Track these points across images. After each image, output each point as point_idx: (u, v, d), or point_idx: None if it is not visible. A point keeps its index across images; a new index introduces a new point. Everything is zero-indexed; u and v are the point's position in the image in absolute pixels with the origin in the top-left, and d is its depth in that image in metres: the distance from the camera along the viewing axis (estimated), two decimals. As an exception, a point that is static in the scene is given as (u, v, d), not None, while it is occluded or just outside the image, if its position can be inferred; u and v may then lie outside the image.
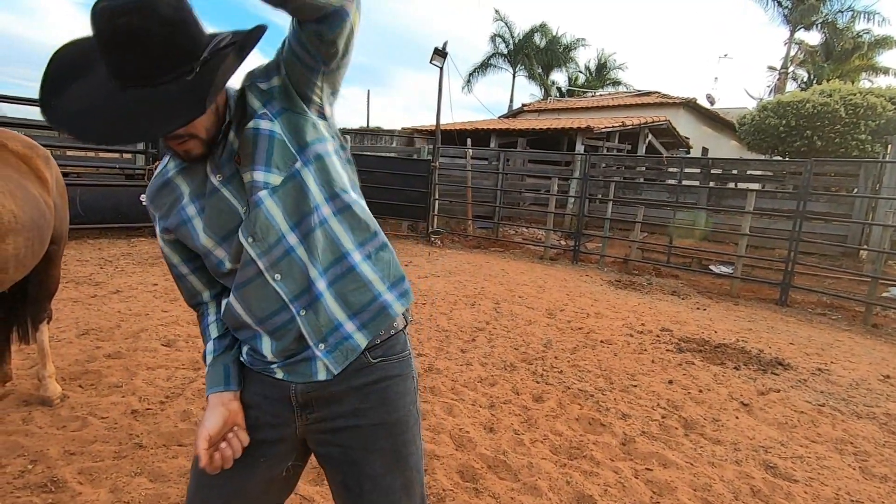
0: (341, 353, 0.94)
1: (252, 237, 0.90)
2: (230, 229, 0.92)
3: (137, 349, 3.21)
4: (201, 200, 0.93)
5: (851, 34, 19.02)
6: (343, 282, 0.95)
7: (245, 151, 0.89)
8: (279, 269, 0.92)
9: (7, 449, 2.07)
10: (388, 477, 0.96)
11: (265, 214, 0.90)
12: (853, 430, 2.93)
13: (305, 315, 0.93)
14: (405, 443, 0.99)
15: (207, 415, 0.94)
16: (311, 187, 0.92)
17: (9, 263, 1.69)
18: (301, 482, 2.02)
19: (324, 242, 0.93)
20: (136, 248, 6.55)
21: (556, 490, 2.13)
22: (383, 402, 0.98)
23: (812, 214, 7.37)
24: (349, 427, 0.97)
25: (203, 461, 0.90)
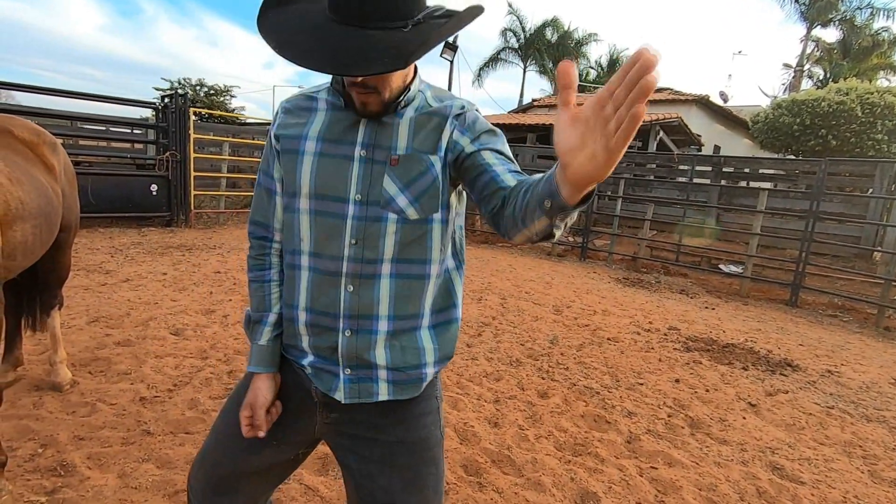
0: (357, 390, 0.95)
1: (356, 241, 0.90)
2: (332, 195, 0.91)
3: (146, 337, 3.24)
4: (327, 147, 0.91)
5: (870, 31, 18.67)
6: (402, 337, 0.94)
7: (407, 169, 0.89)
8: (356, 283, 0.91)
9: (18, 432, 2.10)
10: (404, 493, 0.95)
11: (381, 234, 0.89)
12: (862, 434, 2.89)
13: (349, 337, 0.93)
14: (425, 462, 0.97)
15: (262, 387, 0.98)
16: (435, 243, 0.93)
17: (16, 250, 1.70)
18: (306, 472, 2.04)
19: (410, 293, 0.93)
20: (147, 238, 6.61)
21: (559, 486, 2.12)
22: (402, 420, 0.97)
23: (825, 215, 7.27)
24: (368, 439, 0.97)
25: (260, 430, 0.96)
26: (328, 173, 0.90)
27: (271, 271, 1.02)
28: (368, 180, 0.89)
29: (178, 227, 7.58)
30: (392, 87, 0.86)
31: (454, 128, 0.91)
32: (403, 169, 0.88)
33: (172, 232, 7.23)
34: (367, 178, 0.89)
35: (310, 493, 1.94)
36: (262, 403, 0.97)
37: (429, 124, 0.91)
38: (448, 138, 0.91)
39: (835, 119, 10.48)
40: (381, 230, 0.89)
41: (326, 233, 0.91)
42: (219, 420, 1.08)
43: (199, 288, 4.50)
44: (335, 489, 1.97)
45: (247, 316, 1.05)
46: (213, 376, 2.80)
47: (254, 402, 0.97)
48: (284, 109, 0.97)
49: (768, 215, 7.63)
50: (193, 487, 1.06)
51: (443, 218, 0.93)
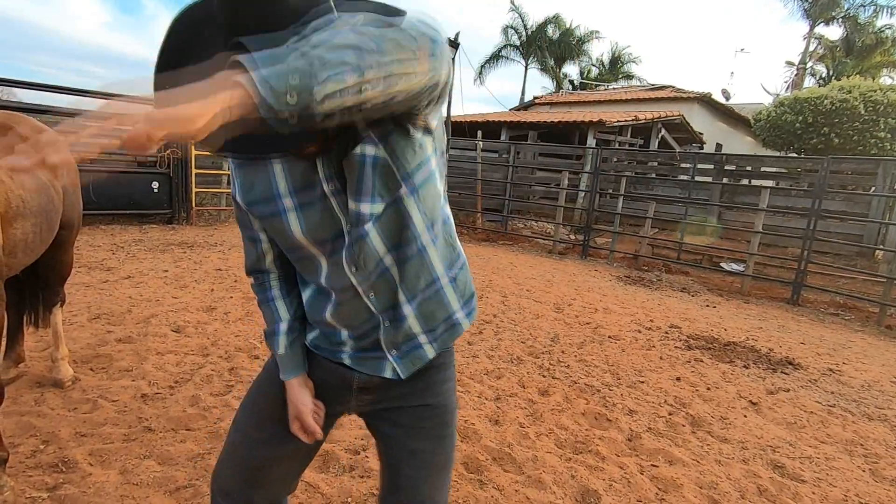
0: (411, 361, 1.00)
1: (355, 266, 0.90)
2: (331, 236, 0.89)
3: (148, 334, 3.24)
4: (302, 198, 0.87)
5: (873, 29, 18.59)
6: (427, 303, 0.97)
7: (351, 178, 0.84)
8: (375, 288, 0.93)
9: (20, 429, 2.11)
10: (429, 454, 1.03)
11: (369, 245, 0.89)
12: (864, 432, 2.89)
13: (388, 326, 0.96)
14: (445, 424, 1.05)
15: (298, 395, 1.01)
16: (415, 215, 0.90)
17: (17, 248, 1.71)
18: (307, 469, 2.04)
19: (419, 268, 0.94)
20: (148, 235, 6.62)
21: (560, 484, 2.12)
22: (428, 386, 1.03)
23: (827, 213, 7.25)
24: (397, 408, 1.04)
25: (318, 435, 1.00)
26: (316, 220, 0.88)
27: (272, 291, 1.05)
28: (345, 207, 0.86)
29: (180, 224, 7.59)
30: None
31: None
32: (350, 179, 0.84)
33: (174, 229, 7.24)
34: (343, 205, 0.86)
35: (311, 489, 1.94)
36: (306, 412, 1.01)
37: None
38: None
39: (837, 117, 10.45)
40: (366, 244, 0.88)
41: (333, 267, 0.92)
42: (244, 417, 1.09)
43: (201, 285, 4.50)
44: (335, 486, 1.97)
45: (264, 333, 1.08)
46: (215, 373, 2.80)
47: (298, 413, 1.01)
48: (238, 168, 0.91)
49: (770, 213, 7.62)
50: (222, 488, 1.07)
51: (411, 188, 0.86)
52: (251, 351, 3.15)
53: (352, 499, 1.91)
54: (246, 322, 3.67)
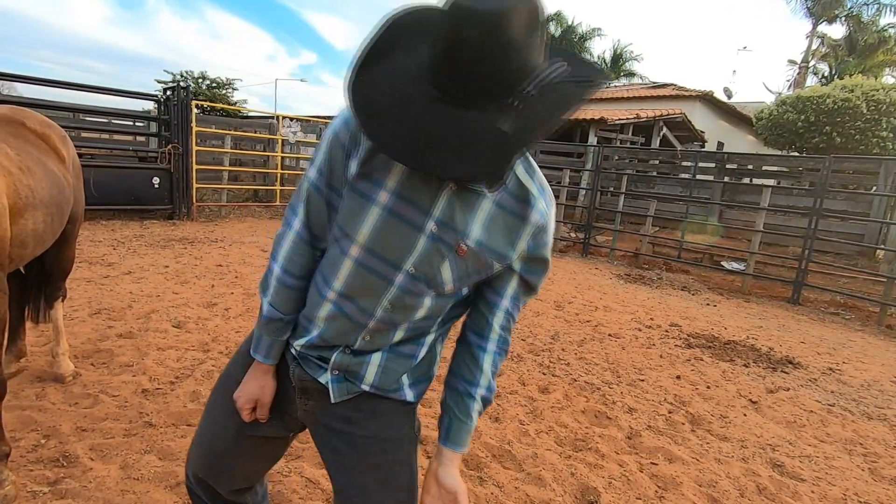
0: (346, 389, 0.95)
1: (392, 307, 0.87)
2: (387, 258, 0.84)
3: (148, 330, 3.24)
4: (399, 206, 0.81)
5: (876, 28, 18.52)
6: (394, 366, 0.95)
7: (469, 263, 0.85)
8: (374, 335, 0.91)
9: (21, 423, 2.11)
10: (379, 492, 0.95)
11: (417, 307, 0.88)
12: (863, 432, 2.89)
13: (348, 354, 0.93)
14: (398, 461, 0.97)
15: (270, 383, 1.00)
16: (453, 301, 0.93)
17: (28, 239, 1.71)
18: (306, 465, 2.05)
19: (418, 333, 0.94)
20: (149, 230, 6.61)
21: (560, 481, 2.13)
22: (374, 415, 0.96)
23: (829, 212, 7.24)
24: (343, 432, 0.96)
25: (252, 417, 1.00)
26: (391, 235, 0.82)
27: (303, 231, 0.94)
28: (428, 257, 0.82)
29: (180, 220, 7.59)
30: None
31: (528, 240, 0.86)
32: (467, 262, 0.83)
33: (174, 225, 7.24)
34: (428, 255, 0.82)
35: (311, 485, 1.94)
36: (267, 402, 0.99)
37: (507, 222, 0.83)
38: (518, 247, 0.86)
39: (839, 116, 10.42)
40: (417, 303, 0.87)
41: (366, 287, 0.86)
42: (212, 399, 1.09)
43: (201, 281, 4.50)
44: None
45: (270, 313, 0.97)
46: (215, 369, 2.81)
47: (262, 398, 0.99)
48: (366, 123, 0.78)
49: (771, 212, 7.61)
50: (190, 469, 1.09)
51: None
52: (252, 347, 3.16)
53: (352, 495, 1.91)
54: (246, 318, 3.67)
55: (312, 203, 0.90)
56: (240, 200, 9.46)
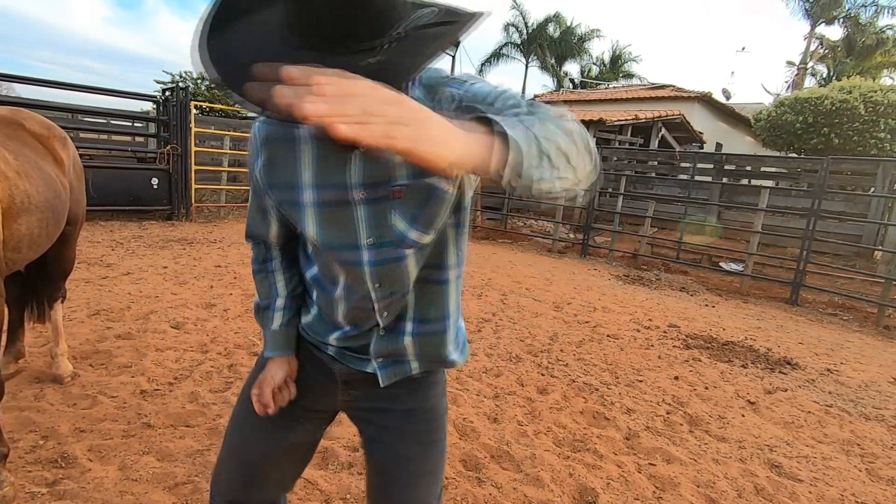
0: (393, 372, 0.98)
1: (380, 284, 0.88)
2: (344, 244, 0.86)
3: (147, 331, 3.24)
4: (324, 195, 0.83)
5: (874, 29, 18.57)
6: (430, 338, 0.97)
7: (411, 200, 0.81)
8: (389, 308, 0.92)
9: (20, 424, 2.11)
10: (419, 459, 1.01)
11: (403, 270, 0.87)
12: (861, 432, 2.90)
13: (382, 336, 0.95)
14: (435, 429, 1.03)
15: (274, 369, 1.00)
16: (451, 248, 0.92)
17: (21, 243, 1.71)
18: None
19: (435, 297, 0.95)
20: (147, 231, 6.61)
21: (558, 482, 2.13)
22: (415, 389, 1.01)
23: (827, 213, 7.26)
24: (385, 409, 1.02)
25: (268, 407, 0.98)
26: (333, 224, 0.84)
27: (273, 262, 1.03)
28: (374, 221, 0.82)
29: (179, 220, 7.58)
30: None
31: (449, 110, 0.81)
32: (409, 201, 0.81)
33: (173, 225, 7.23)
34: (374, 219, 0.82)
35: (310, 486, 1.95)
36: (269, 382, 0.99)
37: None
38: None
39: (837, 117, 10.46)
40: (401, 268, 0.86)
41: (351, 277, 0.89)
42: (239, 416, 1.08)
43: (200, 282, 4.50)
44: (334, 483, 1.98)
45: (255, 305, 1.05)
46: (214, 370, 2.81)
47: (262, 380, 1.00)
48: (266, 140, 0.85)
49: (769, 213, 7.62)
50: (221, 491, 1.06)
51: (455, 223, 0.90)
52: (250, 348, 3.16)
53: (350, 495, 1.92)
54: (245, 319, 3.67)
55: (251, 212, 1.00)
56: (239, 201, 9.45)
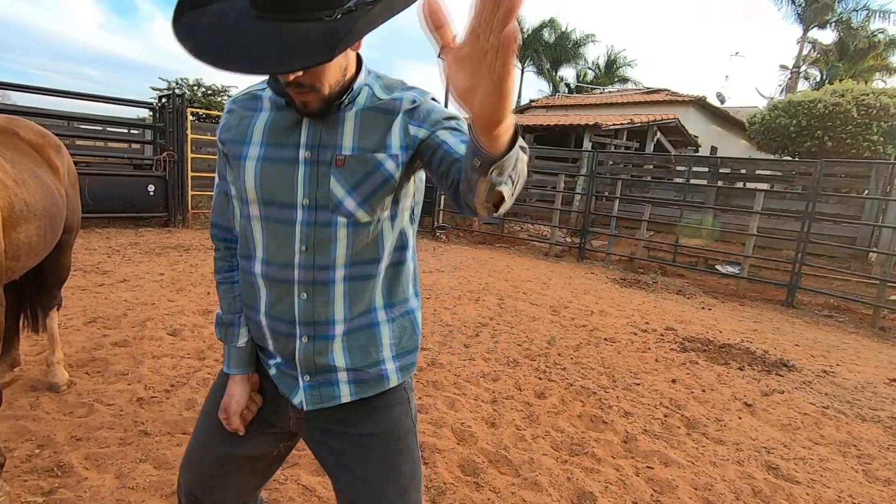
0: (318, 395, 0.95)
1: (306, 247, 0.88)
2: (279, 201, 0.88)
3: (144, 338, 3.23)
4: (270, 151, 0.88)
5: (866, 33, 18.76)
6: (357, 335, 0.94)
7: (354, 170, 0.85)
8: (309, 290, 0.90)
9: (15, 433, 2.10)
10: (382, 485, 0.96)
11: (332, 239, 0.87)
12: (857, 433, 2.91)
13: (305, 343, 0.92)
14: (397, 451, 0.98)
15: (237, 391, 0.99)
16: (387, 241, 0.92)
17: (20, 251, 1.71)
18: (303, 472, 2.05)
19: (363, 293, 0.93)
20: (144, 238, 6.60)
21: (556, 486, 2.13)
22: (369, 413, 0.97)
23: (821, 216, 7.31)
24: (338, 433, 0.97)
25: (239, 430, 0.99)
26: (273, 178, 0.87)
27: (238, 272, 1.01)
28: (315, 183, 0.86)
29: (176, 227, 7.57)
30: (330, 82, 0.81)
31: (406, 123, 0.87)
32: (350, 170, 0.85)
33: (170, 232, 7.22)
34: (314, 180, 0.86)
35: (307, 493, 1.94)
36: (234, 409, 0.98)
37: (376, 121, 0.87)
38: (400, 134, 0.87)
39: (831, 120, 10.53)
40: (330, 235, 0.87)
41: (277, 239, 0.89)
42: (199, 420, 1.08)
43: (197, 288, 4.49)
44: (331, 490, 1.97)
45: (218, 318, 1.03)
46: (211, 377, 2.80)
47: (227, 406, 0.98)
48: (229, 110, 0.95)
49: (765, 216, 7.66)
50: (183, 491, 1.07)
51: (392, 213, 0.92)
52: (248, 354, 3.15)
53: (348, 502, 1.91)
54: (242, 325, 3.66)
55: (217, 200, 1.02)
56: (235, 207, 9.44)
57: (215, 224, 1.03)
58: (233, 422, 0.98)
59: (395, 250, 0.95)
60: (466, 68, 0.50)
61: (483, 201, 0.67)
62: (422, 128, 0.86)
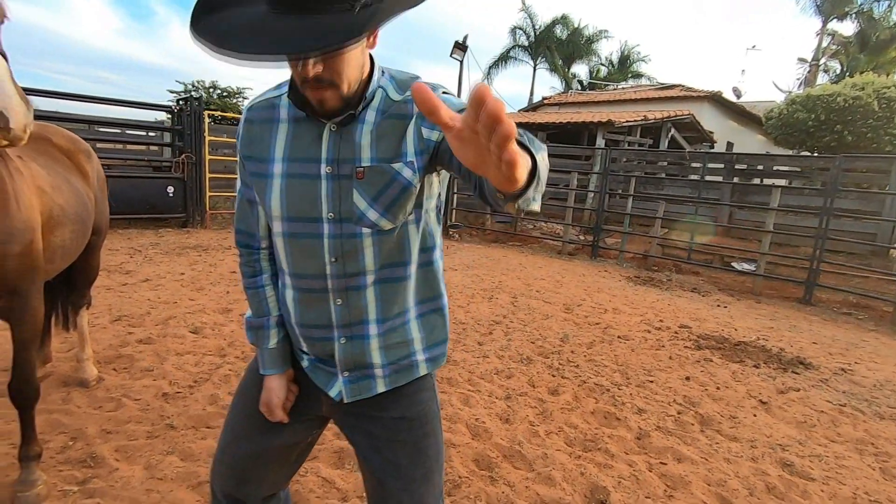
0: (357, 389, 1.00)
1: (335, 258, 0.92)
2: (305, 216, 0.91)
3: (167, 335, 3.34)
4: (293, 167, 0.90)
5: (888, 24, 18.30)
6: (392, 334, 0.99)
7: (373, 181, 0.87)
8: (344, 296, 0.94)
9: (49, 426, 2.20)
10: (410, 467, 1.01)
11: (359, 249, 0.91)
12: (875, 431, 2.89)
13: (344, 344, 0.97)
14: (424, 435, 1.04)
15: (276, 386, 1.03)
16: (413, 243, 0.95)
17: (56, 254, 1.80)
18: (322, 465, 2.11)
19: (399, 294, 0.97)
20: (164, 239, 6.75)
21: (570, 481, 2.16)
22: (400, 396, 1.03)
23: (840, 212, 7.19)
24: (372, 417, 1.03)
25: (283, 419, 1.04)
26: (298, 194, 0.90)
27: (263, 276, 1.06)
28: (338, 197, 0.89)
29: (194, 227, 7.73)
30: (349, 78, 0.82)
31: (420, 126, 0.87)
32: (369, 182, 0.87)
33: (188, 233, 7.38)
34: (337, 194, 0.89)
35: (327, 485, 2.01)
36: (277, 404, 1.03)
37: (391, 128, 0.88)
38: (414, 140, 0.88)
39: (850, 114, 10.34)
40: (357, 245, 0.91)
41: (304, 253, 0.93)
42: (231, 415, 1.13)
43: (216, 287, 4.60)
44: (351, 481, 2.03)
45: (248, 323, 1.08)
46: (232, 373, 2.88)
47: (269, 401, 1.04)
48: (248, 121, 0.96)
49: (782, 213, 7.56)
50: (217, 486, 1.11)
51: (416, 217, 0.94)
52: (267, 351, 3.23)
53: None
54: (261, 323, 3.75)
55: (240, 205, 1.05)
56: (251, 208, 9.59)
57: (239, 230, 1.07)
58: (276, 414, 1.03)
59: (424, 251, 0.99)
60: (471, 147, 0.49)
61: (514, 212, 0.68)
62: (435, 129, 0.86)
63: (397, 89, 0.91)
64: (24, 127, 1.07)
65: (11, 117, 1.05)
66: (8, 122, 1.05)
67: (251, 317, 1.08)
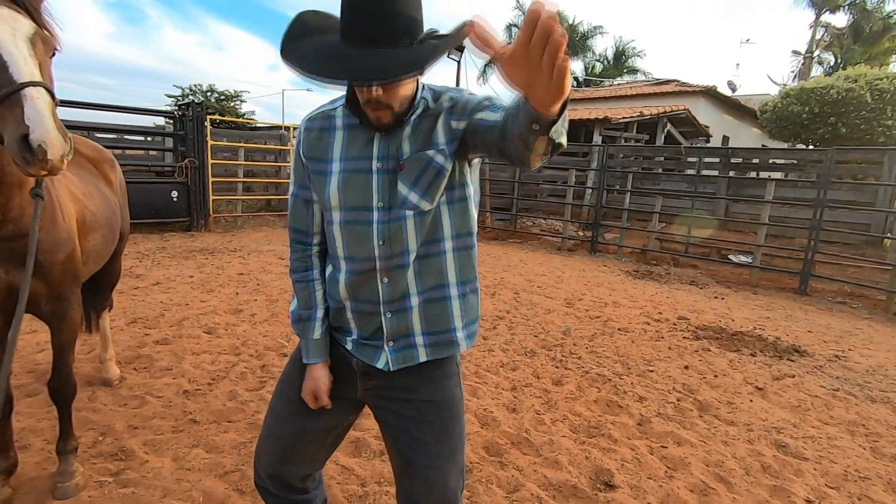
0: (402, 357, 1.13)
1: (383, 241, 1.06)
2: (357, 205, 1.06)
3: (182, 336, 3.45)
4: (349, 164, 1.06)
5: (881, 15, 18.43)
6: (432, 306, 1.12)
7: (412, 169, 1.03)
8: (390, 275, 1.08)
9: (79, 423, 2.30)
10: (437, 445, 1.13)
11: (403, 230, 1.06)
12: (866, 414, 3.01)
13: (390, 318, 1.11)
14: (451, 417, 1.15)
15: (320, 375, 1.16)
16: (446, 222, 1.10)
17: (89, 258, 1.91)
18: (341, 454, 2.22)
19: (434, 268, 1.11)
20: (169, 243, 6.86)
21: (575, 464, 2.28)
22: (430, 381, 1.15)
23: (834, 203, 7.31)
24: (403, 399, 1.15)
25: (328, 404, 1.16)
26: (353, 187, 1.05)
27: (314, 271, 1.19)
28: (387, 188, 1.04)
29: (198, 231, 7.83)
30: (403, 101, 0.99)
31: (449, 119, 1.03)
32: (409, 171, 1.03)
33: (193, 236, 7.48)
34: (386, 186, 1.04)
35: (346, 472, 2.12)
36: (324, 389, 1.16)
37: (426, 125, 1.04)
38: (445, 130, 1.03)
39: (844, 107, 10.45)
40: (402, 227, 1.05)
41: (357, 238, 1.07)
42: (275, 401, 1.26)
43: (226, 289, 4.71)
44: (368, 468, 2.15)
45: (296, 315, 1.20)
46: (248, 370, 3.00)
47: (316, 389, 1.16)
48: (307, 129, 1.12)
49: (777, 205, 7.68)
50: (260, 466, 1.23)
51: (449, 199, 1.08)
52: (280, 349, 3.35)
53: (384, 479, 2.08)
54: (272, 323, 3.86)
55: (296, 207, 1.18)
56: (254, 210, 9.70)
57: (294, 228, 1.20)
58: (323, 400, 1.15)
59: (464, 235, 1.12)
60: (522, 68, 0.61)
61: (541, 154, 0.80)
62: (462, 120, 1.02)
63: (433, 99, 1.08)
64: (61, 158, 1.17)
65: (49, 150, 1.14)
66: (46, 153, 1.14)
67: (298, 308, 1.20)
